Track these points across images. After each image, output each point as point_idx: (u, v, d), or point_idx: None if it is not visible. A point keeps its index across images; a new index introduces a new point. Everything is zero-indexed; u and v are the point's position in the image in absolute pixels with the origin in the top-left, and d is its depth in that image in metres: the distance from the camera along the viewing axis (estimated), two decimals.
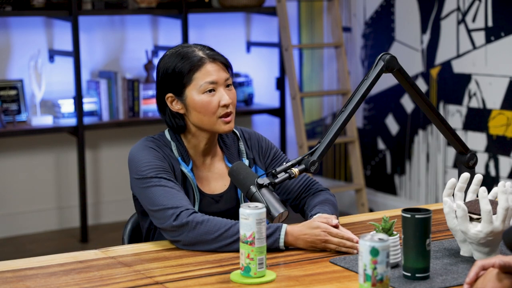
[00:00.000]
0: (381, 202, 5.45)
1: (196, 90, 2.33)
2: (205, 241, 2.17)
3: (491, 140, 4.68)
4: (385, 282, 1.72)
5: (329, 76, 5.84)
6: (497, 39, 4.61)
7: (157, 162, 2.31)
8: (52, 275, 2.02)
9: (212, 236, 2.17)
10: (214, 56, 2.35)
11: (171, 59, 2.35)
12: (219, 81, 2.34)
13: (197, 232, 2.18)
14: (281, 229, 2.16)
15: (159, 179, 2.27)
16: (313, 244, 2.16)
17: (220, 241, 2.17)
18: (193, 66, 2.32)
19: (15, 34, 5.14)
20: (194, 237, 2.18)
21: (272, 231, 2.16)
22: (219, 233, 2.17)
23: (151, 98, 5.36)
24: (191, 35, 5.50)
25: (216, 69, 2.34)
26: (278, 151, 2.52)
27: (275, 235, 2.15)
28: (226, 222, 2.19)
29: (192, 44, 2.40)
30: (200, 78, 2.32)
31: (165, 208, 2.22)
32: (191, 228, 2.18)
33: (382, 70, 2.30)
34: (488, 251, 2.06)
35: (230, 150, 2.45)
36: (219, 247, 2.17)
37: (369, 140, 5.54)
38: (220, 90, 2.34)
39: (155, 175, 2.28)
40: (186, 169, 2.36)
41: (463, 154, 2.51)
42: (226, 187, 2.43)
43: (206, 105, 2.32)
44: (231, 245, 2.16)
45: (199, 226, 2.18)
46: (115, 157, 5.47)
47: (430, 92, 5.04)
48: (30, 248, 4.94)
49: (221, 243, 2.17)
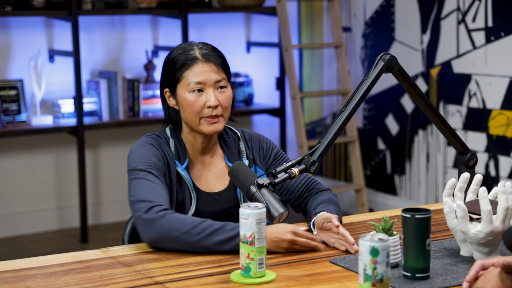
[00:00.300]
0: (381, 202, 5.45)
1: (185, 88, 2.35)
2: (171, 237, 2.15)
3: (491, 140, 4.68)
4: (385, 282, 1.72)
5: (329, 76, 5.84)
6: (497, 39, 4.61)
7: (151, 158, 2.33)
8: (52, 275, 2.02)
9: (177, 233, 2.15)
10: (208, 56, 2.35)
11: (171, 55, 2.39)
12: (207, 82, 2.34)
13: (163, 228, 2.16)
14: None
15: (147, 173, 2.29)
16: (279, 244, 2.14)
17: (185, 238, 2.14)
18: (184, 63, 2.34)
19: (15, 34, 5.14)
20: (159, 232, 2.16)
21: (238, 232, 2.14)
22: (185, 230, 2.14)
23: (151, 98, 5.36)
24: (191, 35, 5.50)
25: (207, 70, 2.34)
26: (279, 151, 2.52)
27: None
28: (196, 220, 2.17)
29: (198, 43, 2.41)
30: (190, 77, 2.34)
31: (140, 201, 2.22)
32: (157, 223, 2.17)
33: (382, 70, 2.30)
34: (488, 251, 2.06)
35: (231, 150, 2.45)
36: (185, 245, 2.15)
37: (369, 140, 5.54)
38: (208, 91, 2.34)
39: (144, 168, 2.30)
40: (180, 168, 2.36)
41: (463, 154, 2.51)
42: (225, 185, 2.43)
43: (191, 104, 2.34)
44: (197, 243, 2.13)
45: (166, 221, 2.17)
46: (115, 157, 5.47)
47: (430, 92, 5.04)
48: (30, 248, 4.94)
49: (187, 240, 2.14)
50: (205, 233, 2.14)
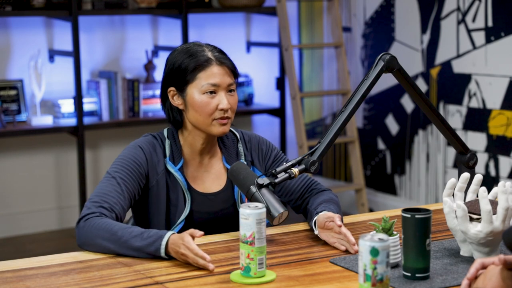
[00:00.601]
0: (381, 202, 5.45)
1: (197, 89, 2.34)
2: (90, 236, 2.17)
3: (491, 140, 4.68)
4: (385, 282, 1.72)
5: (329, 76, 5.84)
6: (497, 39, 4.61)
7: (129, 163, 2.34)
8: (52, 275, 2.02)
9: (94, 234, 2.17)
10: (222, 59, 2.36)
11: (180, 54, 2.37)
12: (222, 85, 2.34)
13: (89, 231, 2.18)
14: (163, 238, 2.09)
15: (113, 178, 2.30)
16: (177, 255, 2.08)
17: (106, 245, 2.15)
18: (198, 65, 2.33)
19: (15, 34, 5.14)
20: (85, 234, 2.19)
21: (154, 240, 2.10)
22: (103, 235, 2.15)
23: (151, 98, 5.36)
24: (191, 35, 5.50)
25: (221, 72, 2.34)
26: (279, 152, 2.52)
27: (156, 244, 2.10)
28: (120, 226, 2.16)
29: (204, 44, 2.41)
30: (203, 78, 2.33)
31: (89, 201, 2.26)
32: (87, 226, 2.19)
33: (382, 70, 2.30)
34: (488, 251, 2.06)
35: (229, 151, 2.45)
36: (104, 248, 2.16)
37: (369, 140, 5.54)
38: (221, 94, 2.34)
39: (114, 171, 2.32)
40: (173, 169, 2.36)
41: (463, 154, 2.51)
42: (222, 186, 2.43)
43: (204, 105, 2.33)
44: (116, 249, 2.14)
45: (92, 222, 2.18)
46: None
47: (430, 92, 5.04)
48: (30, 248, 4.94)
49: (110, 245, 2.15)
50: (123, 240, 2.14)
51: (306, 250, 2.19)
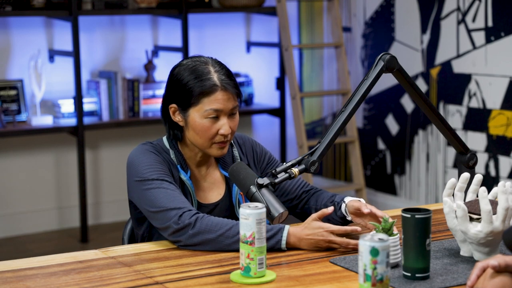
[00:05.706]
0: (381, 202, 5.45)
1: (200, 113, 2.31)
2: (207, 240, 2.18)
3: (491, 140, 4.68)
4: (385, 282, 1.72)
5: (329, 76, 5.84)
6: (497, 39, 4.61)
7: (159, 166, 2.32)
8: (52, 275, 2.02)
9: (213, 236, 2.17)
10: (227, 85, 2.32)
11: (186, 72, 2.33)
12: (225, 110, 2.32)
13: (198, 232, 2.18)
14: (283, 231, 2.16)
15: (161, 182, 2.28)
16: (318, 245, 2.16)
17: (221, 241, 2.17)
18: (203, 90, 2.30)
19: (15, 34, 5.14)
20: (196, 237, 2.18)
21: (274, 232, 2.16)
22: (220, 233, 2.17)
23: (151, 98, 5.36)
24: (191, 35, 5.50)
25: (225, 98, 2.31)
26: (271, 155, 2.55)
27: (277, 237, 2.16)
28: (228, 222, 2.20)
29: (210, 62, 2.35)
30: (207, 104, 2.30)
31: (168, 209, 2.22)
32: (193, 228, 2.18)
33: (382, 70, 2.30)
34: (488, 251, 2.06)
35: (224, 158, 2.46)
36: (219, 247, 2.18)
37: (369, 140, 5.54)
38: (223, 119, 2.32)
39: (157, 177, 2.28)
40: (185, 177, 2.37)
41: (463, 154, 2.51)
42: (221, 196, 2.44)
43: (205, 130, 2.32)
44: (231, 245, 2.16)
45: (200, 226, 2.18)
46: (115, 157, 5.47)
47: (430, 92, 5.04)
48: (30, 248, 4.94)
49: (222, 243, 2.17)
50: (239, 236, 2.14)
51: (306, 250, 2.19)
